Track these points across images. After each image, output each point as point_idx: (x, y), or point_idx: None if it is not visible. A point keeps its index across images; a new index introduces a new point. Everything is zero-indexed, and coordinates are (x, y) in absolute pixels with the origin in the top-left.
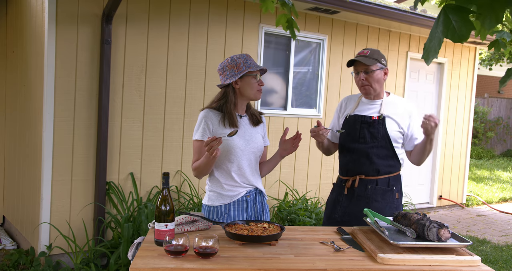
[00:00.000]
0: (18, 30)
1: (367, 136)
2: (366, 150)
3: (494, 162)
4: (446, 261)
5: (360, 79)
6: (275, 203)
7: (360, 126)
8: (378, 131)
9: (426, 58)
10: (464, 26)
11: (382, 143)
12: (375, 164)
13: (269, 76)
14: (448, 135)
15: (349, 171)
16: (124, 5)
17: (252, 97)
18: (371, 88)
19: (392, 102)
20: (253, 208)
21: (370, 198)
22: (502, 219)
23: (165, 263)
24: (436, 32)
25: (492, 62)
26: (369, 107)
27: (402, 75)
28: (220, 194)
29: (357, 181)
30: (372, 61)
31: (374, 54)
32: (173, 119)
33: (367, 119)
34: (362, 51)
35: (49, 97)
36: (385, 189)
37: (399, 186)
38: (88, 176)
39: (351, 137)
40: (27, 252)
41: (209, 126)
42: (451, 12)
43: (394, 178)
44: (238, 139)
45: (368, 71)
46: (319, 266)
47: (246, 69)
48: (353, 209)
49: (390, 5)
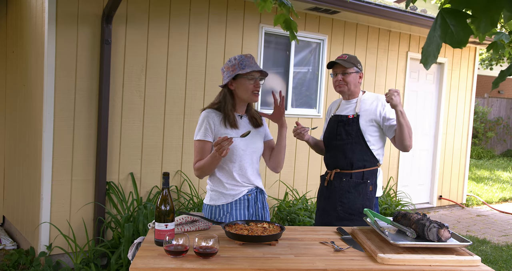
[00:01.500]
0: (18, 30)
1: (343, 133)
2: (342, 146)
3: (494, 162)
4: (446, 261)
5: (337, 79)
6: (275, 203)
7: (337, 125)
8: (352, 128)
9: (424, 63)
10: (462, 31)
11: (356, 139)
12: (349, 159)
13: (269, 76)
14: (448, 135)
15: (329, 165)
16: (124, 5)
17: (247, 99)
18: (346, 87)
19: (366, 99)
20: (254, 206)
21: (343, 189)
22: (502, 219)
23: (165, 263)
24: (434, 36)
25: (492, 62)
26: (346, 107)
27: (402, 75)
28: (222, 193)
29: (333, 174)
30: (350, 64)
31: (351, 59)
32: (173, 119)
33: (343, 118)
34: (341, 56)
35: (49, 97)
36: (359, 182)
37: (374, 180)
38: (88, 176)
39: (331, 134)
40: (27, 252)
41: (211, 126)
42: (448, 16)
43: (370, 172)
44: (239, 139)
45: (345, 73)
46: (319, 266)
47: (237, 71)
48: (332, 199)
49: (390, 5)
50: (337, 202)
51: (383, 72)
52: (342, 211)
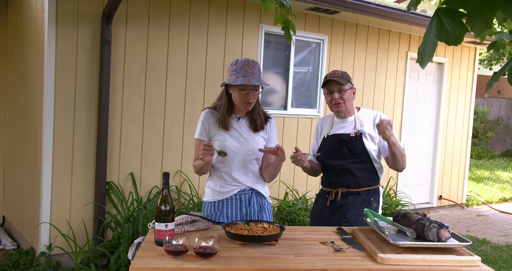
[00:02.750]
0: (18, 30)
1: (346, 152)
2: (347, 165)
3: (494, 162)
4: (446, 261)
5: (334, 98)
6: (275, 203)
7: (339, 144)
8: (357, 147)
9: (420, 62)
10: (457, 29)
11: (361, 158)
12: (357, 177)
13: (269, 76)
14: (448, 135)
15: (332, 183)
16: (124, 5)
17: (240, 107)
18: (344, 106)
19: (363, 116)
20: (249, 208)
21: (349, 205)
22: (502, 219)
23: (165, 263)
24: (430, 35)
25: (492, 62)
26: (342, 126)
27: (402, 75)
28: (214, 190)
29: (339, 194)
30: (345, 81)
31: (344, 75)
32: (173, 119)
33: (344, 137)
34: (333, 72)
35: (49, 97)
36: (364, 198)
37: (377, 198)
38: (88, 176)
39: (332, 154)
40: (27, 252)
41: (205, 127)
42: (443, 16)
43: (374, 190)
44: (231, 140)
45: (341, 90)
46: (319, 266)
47: (227, 81)
48: (334, 218)
49: (390, 5)
50: (342, 218)
51: (383, 72)
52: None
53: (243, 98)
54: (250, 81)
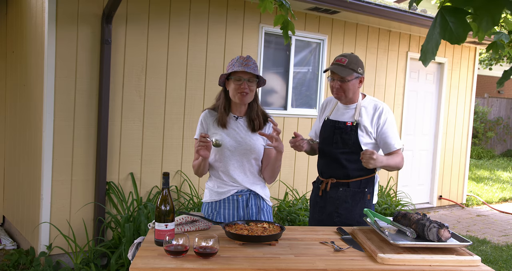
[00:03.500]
0: (18, 30)
1: (339, 141)
2: (337, 155)
3: (494, 162)
4: (446, 261)
5: (335, 86)
6: (275, 203)
7: (334, 132)
8: (350, 138)
9: (423, 60)
10: (461, 28)
11: (352, 149)
12: (346, 169)
13: (269, 76)
14: (448, 135)
15: (323, 173)
16: (124, 5)
17: (236, 100)
18: (343, 95)
19: (365, 106)
20: (246, 209)
21: (340, 199)
22: (502, 219)
23: (165, 263)
24: (433, 33)
25: (492, 62)
26: (344, 112)
27: (402, 75)
28: (212, 190)
29: (329, 184)
30: (348, 71)
31: (351, 64)
32: (173, 119)
33: (341, 125)
34: (339, 59)
35: (49, 97)
36: (356, 191)
37: (372, 188)
38: (88, 176)
39: (327, 141)
40: (27, 252)
41: (204, 127)
42: (448, 14)
43: (367, 180)
44: (228, 139)
45: (343, 80)
46: (319, 266)
47: (225, 74)
48: (328, 209)
49: (390, 5)
50: (334, 213)
51: (383, 72)
52: (339, 222)
53: (238, 88)
54: (244, 69)
